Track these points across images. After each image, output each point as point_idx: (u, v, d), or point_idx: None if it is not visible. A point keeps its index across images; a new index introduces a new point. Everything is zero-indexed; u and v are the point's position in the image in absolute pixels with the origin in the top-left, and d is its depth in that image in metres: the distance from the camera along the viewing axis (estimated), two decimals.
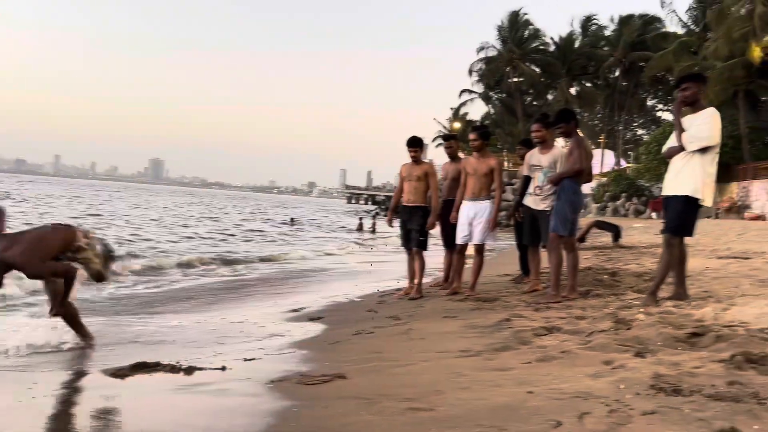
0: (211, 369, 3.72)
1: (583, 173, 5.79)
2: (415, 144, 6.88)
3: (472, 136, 6.71)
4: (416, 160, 6.90)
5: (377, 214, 45.42)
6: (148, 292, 8.73)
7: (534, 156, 6.34)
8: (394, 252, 14.82)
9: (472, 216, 6.59)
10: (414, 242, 6.90)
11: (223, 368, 3.71)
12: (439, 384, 3.00)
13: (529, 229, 6.48)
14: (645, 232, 18.72)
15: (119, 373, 3.68)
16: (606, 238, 14.94)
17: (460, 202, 6.73)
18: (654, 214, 31.94)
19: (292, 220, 30.53)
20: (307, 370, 3.56)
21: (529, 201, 6.36)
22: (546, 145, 6.27)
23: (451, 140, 7.63)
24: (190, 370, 3.66)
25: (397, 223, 7.14)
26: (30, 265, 4.55)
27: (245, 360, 4.01)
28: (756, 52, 28.88)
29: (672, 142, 4.98)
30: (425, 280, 7.19)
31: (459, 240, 6.71)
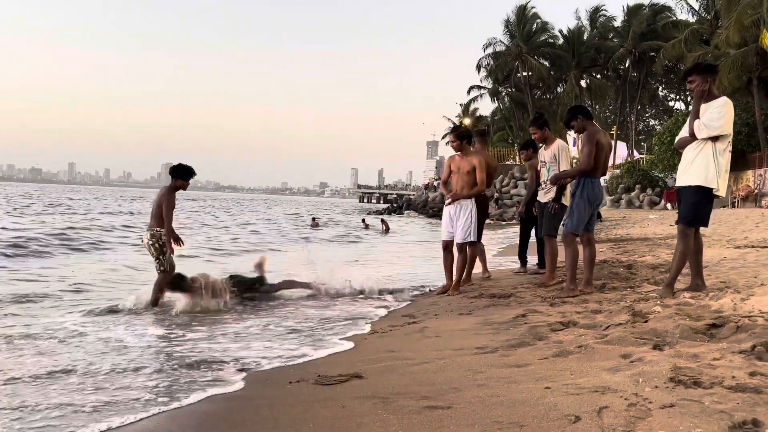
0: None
1: (599, 163, 5.74)
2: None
3: (450, 137, 7.00)
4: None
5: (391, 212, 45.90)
6: None
7: (541, 152, 6.80)
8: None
9: (453, 214, 6.70)
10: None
11: (242, 370, 3.75)
12: (455, 382, 3.00)
13: (541, 222, 6.77)
14: (660, 223, 18.58)
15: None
16: (620, 230, 14.83)
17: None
18: (669, 205, 31.68)
19: (313, 219, 30.44)
20: (324, 370, 3.57)
21: (540, 195, 6.74)
22: (548, 141, 6.67)
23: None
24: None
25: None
26: None
27: (263, 357, 4.03)
28: (767, 39, 28.52)
29: (684, 132, 4.93)
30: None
31: (443, 237, 6.88)
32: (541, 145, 6.90)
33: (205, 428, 2.80)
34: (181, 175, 6.70)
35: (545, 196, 6.63)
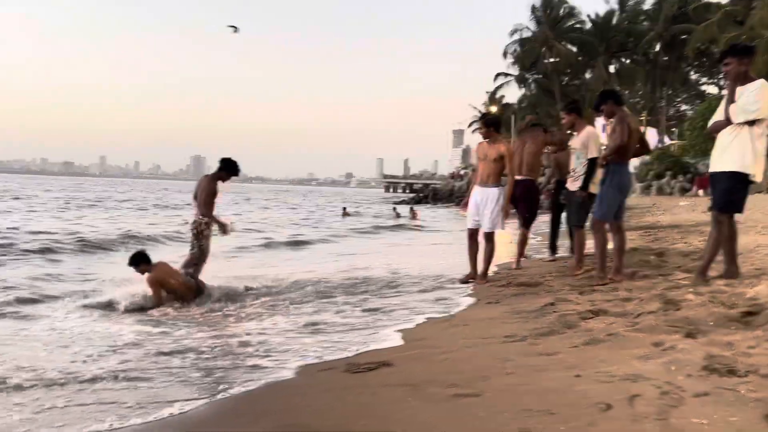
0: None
1: (628, 149, 5.66)
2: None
3: (478, 124, 6.86)
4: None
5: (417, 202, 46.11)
6: None
7: (572, 140, 6.67)
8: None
9: (480, 202, 6.58)
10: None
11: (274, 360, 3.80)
12: (484, 370, 2.99)
13: (570, 210, 6.75)
14: (691, 210, 18.22)
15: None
16: (650, 217, 14.59)
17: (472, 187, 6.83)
18: (701, 192, 31.03)
19: (344, 209, 30.48)
20: (353, 358, 3.59)
21: (568, 183, 6.63)
22: (577, 128, 6.55)
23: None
24: None
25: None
26: None
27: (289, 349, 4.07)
28: None
29: (718, 116, 4.82)
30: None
31: (469, 224, 6.73)
32: (569, 131, 6.84)
33: (231, 416, 2.84)
34: (228, 168, 7.06)
35: (573, 184, 6.55)
